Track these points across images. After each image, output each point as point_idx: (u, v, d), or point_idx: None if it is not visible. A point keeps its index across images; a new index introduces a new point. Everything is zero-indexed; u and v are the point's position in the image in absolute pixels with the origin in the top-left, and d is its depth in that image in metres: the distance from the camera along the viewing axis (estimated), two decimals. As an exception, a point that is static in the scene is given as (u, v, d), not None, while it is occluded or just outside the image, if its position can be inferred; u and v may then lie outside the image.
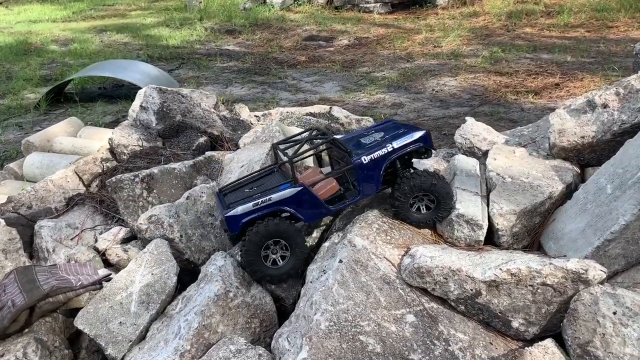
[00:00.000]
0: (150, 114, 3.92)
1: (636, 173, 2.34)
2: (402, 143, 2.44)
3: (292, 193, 2.31)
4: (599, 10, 10.26)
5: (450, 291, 2.14)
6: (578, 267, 2.04)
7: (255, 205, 2.28)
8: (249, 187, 2.50)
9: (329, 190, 2.45)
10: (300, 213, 2.35)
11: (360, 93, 8.27)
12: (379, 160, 2.41)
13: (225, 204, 2.37)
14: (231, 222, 2.28)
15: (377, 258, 2.27)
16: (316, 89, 8.60)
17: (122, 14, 13.27)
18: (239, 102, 8.32)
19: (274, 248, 2.33)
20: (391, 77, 8.62)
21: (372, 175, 2.41)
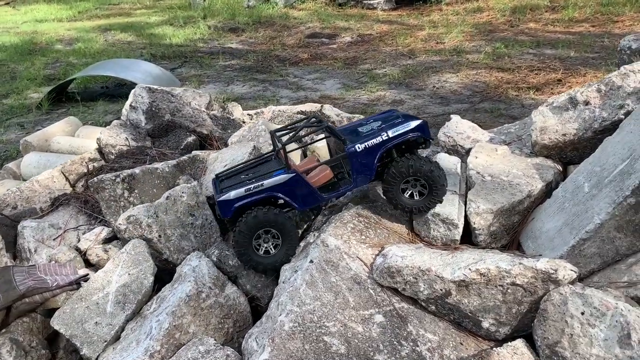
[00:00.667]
0: (139, 114, 3.95)
1: (613, 171, 2.31)
2: (397, 132, 2.40)
3: (284, 179, 2.31)
4: (605, 4, 10.09)
5: (420, 291, 2.13)
6: (548, 267, 2.02)
7: (247, 191, 2.29)
8: (245, 173, 2.51)
9: (322, 177, 2.44)
10: (293, 200, 2.34)
11: (361, 90, 8.24)
12: (374, 149, 2.37)
13: (219, 188, 2.38)
14: (223, 206, 2.29)
15: (350, 258, 2.26)
16: (317, 87, 8.59)
17: (127, 12, 13.35)
18: (239, 100, 8.34)
19: (265, 237, 2.33)
20: (392, 74, 8.57)
21: (367, 164, 2.38)
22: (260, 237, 2.32)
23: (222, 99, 8.15)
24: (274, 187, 2.30)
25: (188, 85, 8.90)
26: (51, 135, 5.55)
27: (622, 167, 2.28)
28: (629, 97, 2.59)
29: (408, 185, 2.43)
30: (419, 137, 2.44)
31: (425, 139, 2.48)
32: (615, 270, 2.27)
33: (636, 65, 2.66)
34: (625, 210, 2.18)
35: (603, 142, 2.50)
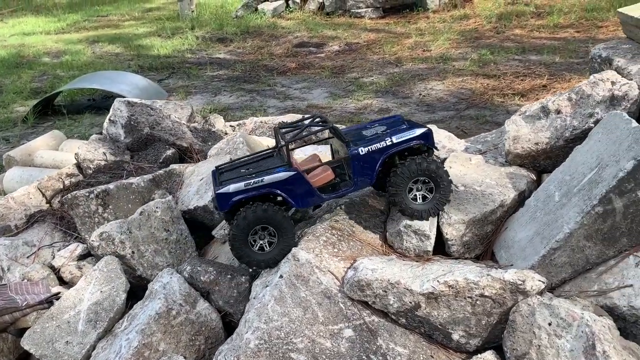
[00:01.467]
0: (118, 127, 3.94)
1: (582, 180, 2.32)
2: (402, 138, 2.38)
3: (284, 177, 2.29)
4: (589, 10, 10.19)
5: (390, 304, 2.12)
6: (515, 278, 2.02)
7: (247, 185, 2.27)
8: (245, 167, 2.49)
9: (323, 178, 2.43)
10: (291, 198, 2.32)
11: (348, 99, 8.26)
12: (376, 153, 2.36)
13: (218, 181, 2.36)
14: (221, 199, 2.27)
15: (321, 272, 2.25)
16: (304, 96, 8.61)
17: (115, 24, 13.35)
18: (226, 110, 8.34)
19: (261, 234, 2.32)
20: (379, 83, 8.61)
21: (368, 168, 2.37)
22: (257, 233, 2.31)
23: (206, 111, 8.15)
24: (274, 183, 2.28)
25: (175, 96, 8.90)
26: (35, 150, 5.52)
27: (591, 176, 2.28)
28: (598, 105, 2.60)
29: (414, 187, 2.42)
30: (422, 144, 2.43)
31: (429, 147, 2.47)
32: (586, 279, 2.27)
33: (605, 74, 2.68)
34: (593, 219, 2.18)
35: (573, 151, 2.51)
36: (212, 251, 2.91)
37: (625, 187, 2.14)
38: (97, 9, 15.24)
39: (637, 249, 2.24)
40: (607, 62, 2.90)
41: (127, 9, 15.09)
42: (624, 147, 2.20)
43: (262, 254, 2.33)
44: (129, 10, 14.85)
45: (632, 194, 2.15)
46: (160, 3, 15.57)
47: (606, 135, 2.35)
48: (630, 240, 2.23)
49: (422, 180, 2.40)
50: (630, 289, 2.11)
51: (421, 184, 2.41)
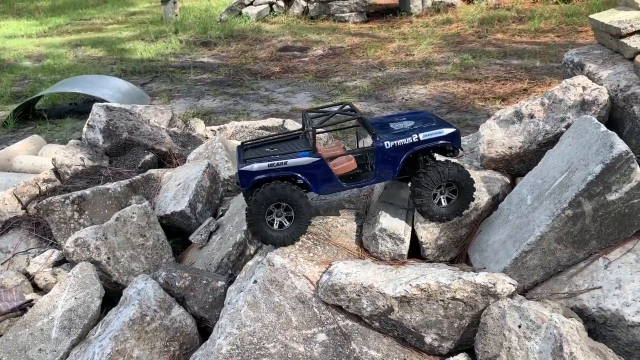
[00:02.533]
0: (96, 132, 3.91)
1: (553, 184, 2.36)
2: (429, 137, 2.39)
3: (307, 162, 2.32)
4: (569, 15, 10.34)
5: (363, 308, 2.13)
6: (486, 281, 2.04)
7: (270, 166, 2.30)
8: (270, 146, 2.52)
9: (345, 167, 2.44)
10: (312, 183, 2.35)
11: (331, 103, 8.27)
12: (402, 148, 2.37)
13: (242, 157, 2.38)
14: (244, 176, 2.30)
15: (296, 276, 2.26)
16: (288, 100, 8.61)
17: (98, 28, 13.25)
18: (209, 114, 8.32)
19: (278, 211, 2.34)
20: (363, 86, 8.64)
21: (392, 162, 2.38)
22: (273, 212, 2.34)
23: (189, 115, 8.12)
24: (297, 167, 2.31)
25: (158, 100, 8.86)
26: (14, 155, 5.46)
27: (561, 180, 2.32)
28: (570, 110, 2.64)
29: (438, 192, 2.43)
30: (448, 145, 2.43)
31: (454, 148, 2.47)
32: (557, 281, 2.30)
33: (576, 79, 2.72)
34: (563, 222, 2.22)
35: (545, 155, 2.55)
36: (189, 256, 2.90)
37: (594, 190, 2.18)
38: (80, 12, 15.12)
39: (606, 251, 2.28)
40: (579, 67, 2.95)
41: (110, 12, 15.00)
42: (592, 151, 2.24)
43: (278, 232, 2.37)
44: (112, 14, 14.76)
45: (601, 197, 2.18)
46: (143, 7, 15.50)
47: (576, 139, 2.39)
48: (599, 242, 2.27)
49: (445, 184, 2.41)
50: (599, 291, 2.15)
51: (444, 188, 2.43)
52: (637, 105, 2.51)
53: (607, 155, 2.15)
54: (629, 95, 2.56)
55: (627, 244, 2.26)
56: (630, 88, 2.56)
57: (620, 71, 2.68)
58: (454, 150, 2.48)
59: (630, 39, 2.69)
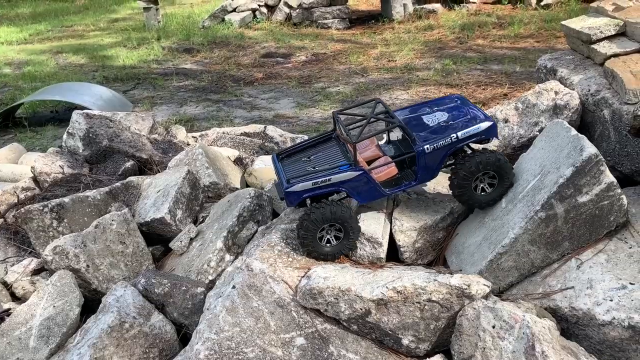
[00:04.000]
0: (76, 140, 3.90)
1: (526, 187, 2.41)
2: (468, 134, 2.38)
3: (351, 176, 2.37)
4: (548, 20, 10.51)
5: (341, 311, 2.15)
6: (461, 283, 2.08)
7: (314, 185, 2.36)
8: (306, 154, 2.56)
9: (387, 173, 2.46)
10: (356, 195, 2.41)
11: (314, 109, 8.32)
12: (441, 150, 2.38)
13: (284, 175, 2.44)
14: (291, 196, 2.38)
15: (274, 281, 2.27)
16: (271, 106, 8.63)
17: (80, 35, 13.16)
18: (192, 120, 8.30)
19: (328, 229, 2.40)
20: (345, 92, 8.70)
21: (432, 164, 2.41)
22: (324, 230, 2.40)
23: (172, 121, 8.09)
24: (341, 182, 2.37)
25: (140, 107, 8.82)
26: (-8, 163, 5.40)
27: (534, 183, 2.37)
28: (543, 114, 2.70)
29: (477, 180, 2.44)
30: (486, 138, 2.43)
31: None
32: (531, 282, 2.35)
33: (549, 84, 2.79)
34: (536, 224, 2.26)
35: (519, 158, 2.60)
36: (169, 263, 2.90)
37: (566, 192, 2.23)
38: (62, 19, 15.00)
39: (578, 252, 2.33)
40: (552, 72, 3.02)
41: (92, 19, 14.91)
42: (564, 154, 2.30)
43: (328, 247, 2.43)
44: (94, 21, 14.67)
45: (572, 199, 2.24)
46: (126, 13, 15.43)
47: (548, 143, 2.45)
48: (572, 243, 2.32)
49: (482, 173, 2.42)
50: (571, 291, 2.20)
51: (483, 176, 2.43)
52: (607, 109, 2.58)
53: (578, 159, 2.21)
54: (599, 99, 2.63)
55: (599, 245, 2.32)
56: (600, 93, 2.64)
57: (590, 76, 2.75)
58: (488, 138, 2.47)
59: (599, 45, 2.77)
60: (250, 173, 3.35)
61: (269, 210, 3.00)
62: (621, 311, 2.02)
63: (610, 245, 2.29)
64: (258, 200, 2.92)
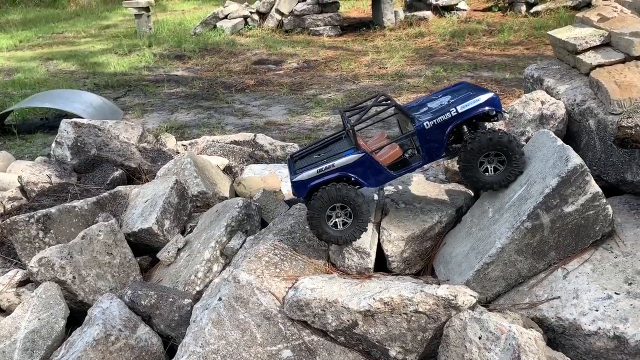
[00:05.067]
0: (64, 149, 3.87)
1: (513, 196, 2.41)
2: (467, 107, 2.35)
3: (354, 159, 2.35)
4: (537, 28, 10.60)
5: (328, 323, 2.15)
6: (447, 294, 2.08)
7: (319, 172, 2.36)
8: (318, 152, 2.56)
9: (391, 155, 2.45)
10: (363, 178, 2.39)
11: (305, 116, 8.33)
12: (442, 125, 2.35)
13: (293, 169, 2.44)
14: (298, 186, 2.39)
15: (261, 293, 2.26)
16: (263, 113, 8.63)
17: (70, 41, 13.12)
18: (183, 128, 8.28)
19: (338, 212, 2.39)
20: (337, 99, 8.72)
21: (436, 141, 2.37)
22: (333, 214, 2.39)
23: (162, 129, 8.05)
24: (345, 167, 2.36)
25: (131, 114, 8.79)
26: (-20, 172, 5.35)
27: (521, 192, 2.38)
28: (529, 124, 2.72)
29: (485, 160, 2.41)
30: (489, 110, 2.38)
31: (497, 112, 2.42)
32: (518, 292, 2.36)
33: (535, 93, 2.81)
34: (523, 234, 2.27)
35: (506, 168, 2.60)
36: (157, 274, 2.88)
37: (551, 203, 2.24)
38: (52, 25, 14.96)
39: (565, 261, 2.34)
40: (538, 82, 3.04)
41: (83, 26, 14.87)
42: (549, 164, 2.31)
43: (339, 231, 2.42)
44: (85, 28, 14.63)
45: (558, 209, 2.25)
46: (117, 20, 15.42)
47: (535, 153, 2.46)
48: (558, 253, 2.33)
49: (493, 153, 2.39)
50: (557, 301, 2.20)
51: (493, 157, 2.40)
52: (592, 119, 2.60)
53: (563, 169, 2.22)
54: (585, 109, 2.65)
55: (585, 254, 2.33)
56: (586, 102, 2.66)
57: (576, 86, 2.78)
58: (497, 114, 2.43)
59: (585, 55, 2.79)
60: (239, 182, 3.34)
61: (258, 220, 2.99)
62: (606, 321, 2.03)
63: (596, 255, 2.31)
64: (246, 210, 2.92)
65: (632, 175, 2.39)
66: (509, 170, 2.43)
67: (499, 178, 2.44)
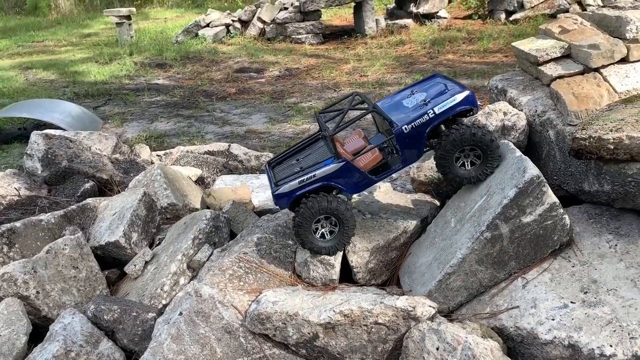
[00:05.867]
0: (35, 161, 3.85)
1: (473, 207, 2.45)
2: (444, 108, 2.36)
3: (335, 169, 2.35)
4: (516, 35, 10.72)
5: (289, 336, 2.15)
6: (406, 305, 2.10)
7: (300, 183, 2.36)
8: (295, 157, 2.56)
9: (371, 161, 2.46)
10: (345, 186, 2.40)
11: (286, 124, 8.34)
12: (420, 127, 2.36)
13: (274, 179, 2.43)
14: (280, 199, 2.38)
15: (223, 307, 2.26)
16: (243, 121, 8.63)
17: (51, 50, 13.02)
18: (163, 137, 8.24)
19: (323, 222, 2.39)
20: (317, 107, 8.74)
21: (415, 143, 2.39)
22: (320, 222, 2.39)
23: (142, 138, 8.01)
24: (326, 176, 2.36)
25: (111, 123, 8.75)
26: (-48, 184, 5.28)
27: (481, 203, 2.41)
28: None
29: (461, 155, 2.43)
30: (465, 108, 2.41)
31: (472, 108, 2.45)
32: (480, 301, 2.38)
33: (498, 104, 2.85)
34: (483, 245, 2.30)
35: (468, 178, 2.64)
36: (124, 287, 2.87)
37: (510, 213, 2.27)
38: (32, 34, 14.84)
39: (524, 271, 2.37)
40: (502, 92, 3.08)
41: (64, 34, 14.77)
42: (508, 175, 2.35)
43: (326, 241, 2.42)
44: (66, 36, 14.53)
45: (517, 219, 2.28)
46: (99, 28, 15.33)
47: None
48: (518, 263, 2.36)
49: (469, 148, 2.41)
50: (516, 310, 2.23)
51: (469, 151, 2.43)
52: (552, 130, 2.65)
53: (520, 180, 2.26)
54: (545, 120, 2.69)
55: (544, 264, 2.36)
56: (546, 113, 2.70)
57: (538, 97, 2.82)
58: (472, 109, 2.46)
59: (546, 67, 2.84)
60: (209, 194, 3.34)
61: (227, 231, 2.99)
62: (562, 330, 2.06)
63: (555, 264, 2.34)
64: (214, 222, 2.92)
65: (589, 185, 2.43)
66: (485, 163, 2.45)
67: (475, 172, 2.47)
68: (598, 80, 2.59)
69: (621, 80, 2.59)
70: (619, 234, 2.37)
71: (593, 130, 2.26)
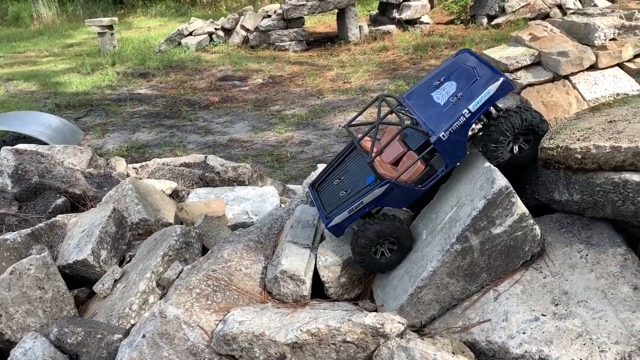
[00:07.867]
0: (5, 177, 3.77)
1: (444, 219, 2.41)
2: (479, 104, 2.29)
3: (380, 192, 2.35)
4: (498, 40, 10.79)
5: (256, 357, 2.10)
6: (375, 322, 2.05)
7: (350, 212, 2.40)
8: (336, 175, 2.58)
9: (415, 172, 2.42)
10: (395, 203, 2.43)
11: (269, 132, 8.31)
12: (459, 130, 2.30)
13: (323, 210, 2.49)
14: (335, 230, 2.46)
15: (189, 327, 2.21)
16: (226, 130, 8.58)
17: (32, 61, 12.89)
18: (144, 147, 8.17)
19: (382, 242, 2.42)
20: (301, 115, 8.72)
21: (456, 145, 2.34)
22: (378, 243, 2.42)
23: (123, 149, 7.93)
24: (373, 201, 2.38)
25: (92, 134, 8.66)
26: None
27: (451, 214, 2.38)
28: (463, 144, 2.72)
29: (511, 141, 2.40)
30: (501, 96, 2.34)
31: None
32: (452, 315, 2.34)
33: (469, 114, 2.82)
34: (453, 257, 2.27)
35: (439, 189, 2.61)
36: (93, 307, 2.80)
37: (479, 225, 2.24)
38: (14, 45, 14.70)
39: (496, 283, 2.34)
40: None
41: (46, 44, 14.65)
42: (477, 186, 2.32)
43: (385, 259, 2.46)
44: (48, 46, 14.41)
45: (486, 231, 2.25)
46: (81, 38, 15.23)
47: (465, 174, 2.47)
48: (490, 275, 2.33)
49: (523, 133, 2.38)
50: (488, 324, 2.19)
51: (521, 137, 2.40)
52: (523, 139, 2.62)
53: (489, 191, 2.23)
54: (516, 129, 2.66)
55: (515, 275, 2.33)
56: (517, 122, 2.68)
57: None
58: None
59: (517, 75, 2.83)
60: (181, 208, 3.28)
61: (198, 247, 2.94)
62: (532, 344, 2.03)
63: (527, 276, 2.31)
64: (185, 238, 2.86)
65: (559, 194, 2.41)
66: (534, 147, 2.41)
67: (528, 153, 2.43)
68: (567, 88, 2.58)
69: (590, 88, 2.57)
70: (590, 243, 2.35)
71: (561, 139, 2.24)
